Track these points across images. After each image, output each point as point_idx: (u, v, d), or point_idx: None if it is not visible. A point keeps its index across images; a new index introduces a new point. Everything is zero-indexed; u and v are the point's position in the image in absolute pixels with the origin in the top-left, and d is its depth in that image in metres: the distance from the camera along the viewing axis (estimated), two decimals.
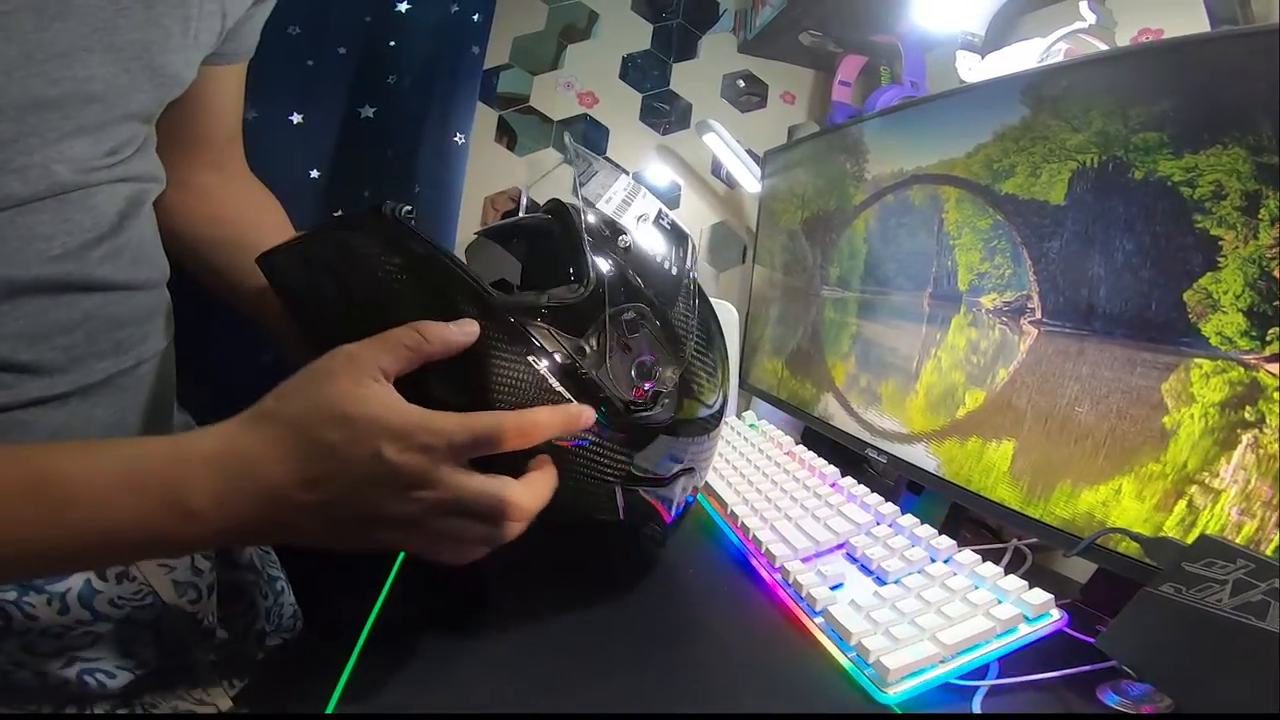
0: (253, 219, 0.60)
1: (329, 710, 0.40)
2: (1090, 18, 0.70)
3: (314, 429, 0.33)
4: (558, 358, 0.42)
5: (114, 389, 0.45)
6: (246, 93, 0.61)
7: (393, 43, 1.05)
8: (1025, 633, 0.46)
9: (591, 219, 0.47)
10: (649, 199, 0.51)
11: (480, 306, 0.40)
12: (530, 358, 0.41)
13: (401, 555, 0.54)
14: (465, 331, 0.38)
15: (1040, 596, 0.47)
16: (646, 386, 0.46)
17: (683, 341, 0.49)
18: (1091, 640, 0.43)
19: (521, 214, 0.59)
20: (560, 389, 0.41)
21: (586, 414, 0.41)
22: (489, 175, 1.23)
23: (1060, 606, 0.47)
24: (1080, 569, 0.58)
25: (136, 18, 0.40)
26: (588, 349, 0.43)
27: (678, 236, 0.51)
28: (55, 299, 0.40)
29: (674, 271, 0.50)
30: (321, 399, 0.33)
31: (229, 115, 0.60)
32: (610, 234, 0.47)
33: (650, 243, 0.49)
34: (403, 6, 1.05)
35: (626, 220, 0.49)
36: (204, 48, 0.48)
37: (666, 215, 0.51)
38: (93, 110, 0.40)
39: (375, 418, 0.33)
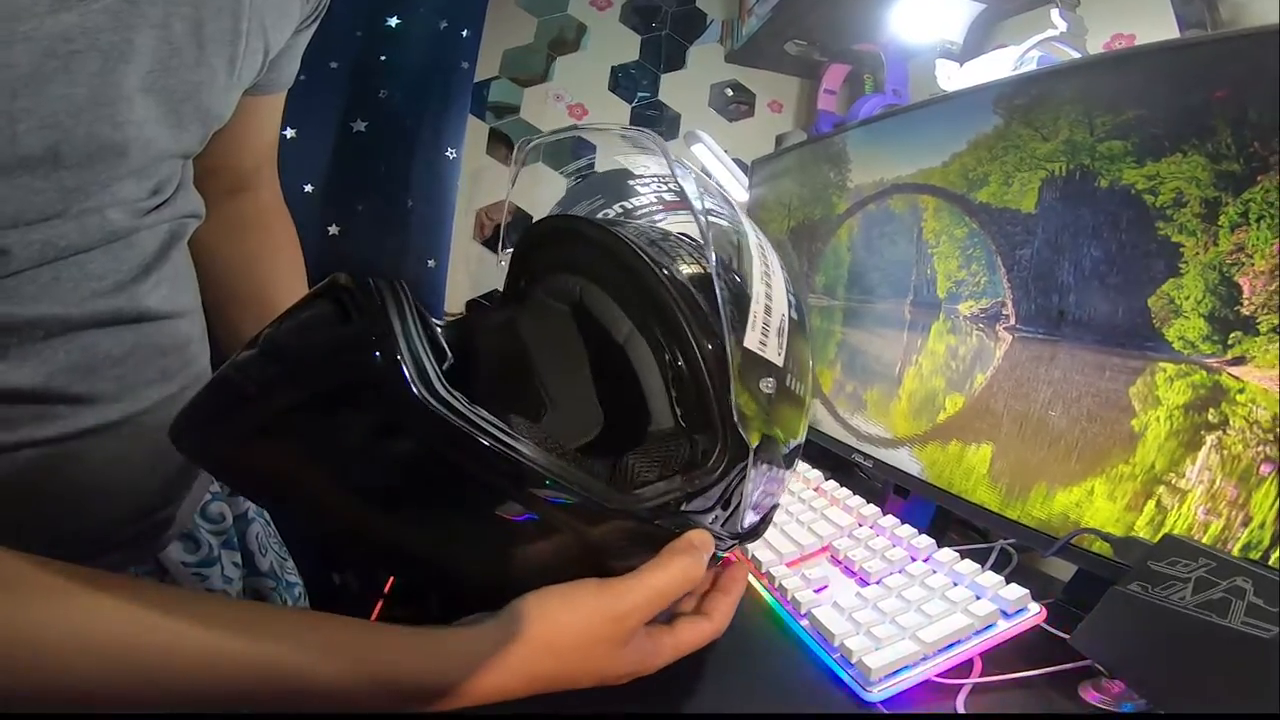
0: (257, 271, 0.59)
1: None
2: (1062, 25, 0.71)
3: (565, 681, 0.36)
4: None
5: (161, 415, 0.46)
6: None
7: (384, 57, 1.06)
8: (1004, 628, 0.46)
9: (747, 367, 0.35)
10: (780, 281, 0.38)
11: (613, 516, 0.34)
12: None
13: None
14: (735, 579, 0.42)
15: (1016, 591, 0.48)
16: (762, 514, 0.45)
17: (793, 463, 0.44)
18: None
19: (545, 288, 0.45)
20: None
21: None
22: (486, 189, 1.24)
23: (1044, 605, 0.48)
24: (1064, 568, 0.59)
25: (189, 59, 0.40)
26: (719, 515, 0.38)
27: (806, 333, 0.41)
28: (105, 331, 0.41)
29: (806, 400, 0.41)
30: (581, 672, 0.36)
31: (256, 145, 0.59)
32: (759, 377, 0.35)
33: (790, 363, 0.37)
34: (393, 21, 1.06)
35: (770, 342, 0.36)
36: (245, 84, 0.48)
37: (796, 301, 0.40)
38: (147, 153, 0.40)
39: (625, 674, 0.38)
